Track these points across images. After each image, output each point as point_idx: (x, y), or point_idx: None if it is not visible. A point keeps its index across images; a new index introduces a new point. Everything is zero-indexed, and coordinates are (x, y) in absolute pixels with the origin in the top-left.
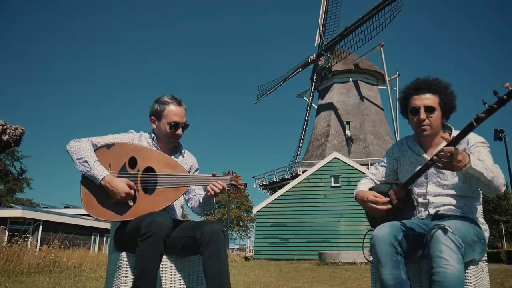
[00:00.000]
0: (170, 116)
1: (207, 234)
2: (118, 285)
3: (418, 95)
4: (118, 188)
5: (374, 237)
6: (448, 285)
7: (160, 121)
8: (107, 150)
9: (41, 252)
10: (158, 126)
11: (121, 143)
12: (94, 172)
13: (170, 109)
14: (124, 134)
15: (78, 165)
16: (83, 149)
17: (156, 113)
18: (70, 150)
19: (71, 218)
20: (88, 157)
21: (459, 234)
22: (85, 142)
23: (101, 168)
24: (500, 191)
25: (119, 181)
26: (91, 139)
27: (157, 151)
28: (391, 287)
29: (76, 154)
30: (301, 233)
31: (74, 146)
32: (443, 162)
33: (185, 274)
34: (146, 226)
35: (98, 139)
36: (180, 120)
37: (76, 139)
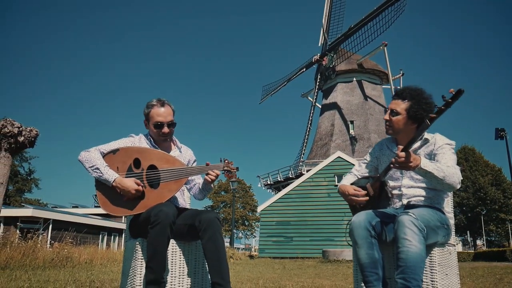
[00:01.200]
0: (154, 117)
1: (205, 221)
2: (135, 266)
3: (392, 99)
4: (128, 187)
5: (352, 223)
6: (410, 262)
7: (149, 122)
8: (113, 155)
9: (54, 248)
10: (149, 127)
11: (124, 147)
12: (105, 176)
13: (154, 111)
14: (125, 139)
15: (91, 172)
16: (93, 157)
17: (146, 116)
18: (82, 160)
19: (80, 217)
20: (99, 164)
21: (422, 220)
22: (93, 151)
23: (111, 172)
24: (454, 188)
25: (128, 180)
26: (98, 148)
27: (157, 150)
28: (366, 265)
29: (88, 163)
30: (305, 232)
31: (85, 156)
32: (398, 164)
33: (191, 257)
34: (154, 215)
35: (104, 146)
36: (164, 119)
37: (85, 149)
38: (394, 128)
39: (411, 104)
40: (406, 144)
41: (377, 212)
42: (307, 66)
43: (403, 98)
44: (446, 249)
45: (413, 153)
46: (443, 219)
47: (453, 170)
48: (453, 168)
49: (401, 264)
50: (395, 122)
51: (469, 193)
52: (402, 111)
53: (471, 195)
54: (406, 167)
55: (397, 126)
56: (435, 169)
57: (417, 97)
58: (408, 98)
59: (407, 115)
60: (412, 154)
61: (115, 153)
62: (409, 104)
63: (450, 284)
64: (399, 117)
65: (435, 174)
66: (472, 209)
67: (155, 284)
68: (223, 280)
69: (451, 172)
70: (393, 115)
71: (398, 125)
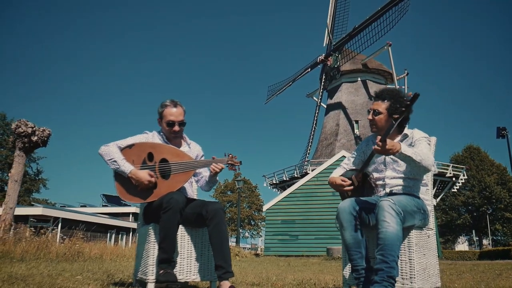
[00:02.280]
0: (167, 116)
1: (211, 211)
2: (148, 248)
3: (373, 101)
4: (141, 178)
5: (338, 209)
6: (388, 240)
7: (162, 120)
8: (129, 150)
9: (66, 243)
10: (161, 125)
11: (139, 142)
12: (122, 168)
13: (167, 111)
14: (140, 135)
15: (109, 164)
16: (112, 151)
17: (160, 114)
18: (102, 153)
19: (89, 216)
20: (116, 157)
21: (400, 205)
22: (112, 146)
23: (128, 164)
24: (429, 169)
25: (142, 172)
26: (116, 143)
27: (168, 145)
28: (351, 245)
29: (107, 156)
30: (310, 230)
31: (104, 150)
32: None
33: (198, 241)
34: (166, 202)
35: (121, 142)
36: (175, 119)
37: (105, 144)
38: (377, 126)
39: (390, 104)
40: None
41: (361, 200)
42: (312, 67)
43: (383, 99)
44: (424, 232)
45: (392, 141)
46: (420, 205)
47: (427, 155)
48: (428, 153)
49: (380, 242)
50: (378, 120)
51: (474, 192)
52: (383, 110)
53: (476, 194)
54: (387, 153)
55: (380, 124)
56: (413, 153)
57: (395, 97)
58: (387, 98)
59: (388, 113)
60: (392, 141)
61: (131, 147)
62: (389, 104)
63: (428, 264)
64: (381, 116)
65: (413, 158)
66: (477, 208)
67: (166, 262)
68: (226, 263)
69: (426, 156)
70: (376, 115)
71: (380, 123)
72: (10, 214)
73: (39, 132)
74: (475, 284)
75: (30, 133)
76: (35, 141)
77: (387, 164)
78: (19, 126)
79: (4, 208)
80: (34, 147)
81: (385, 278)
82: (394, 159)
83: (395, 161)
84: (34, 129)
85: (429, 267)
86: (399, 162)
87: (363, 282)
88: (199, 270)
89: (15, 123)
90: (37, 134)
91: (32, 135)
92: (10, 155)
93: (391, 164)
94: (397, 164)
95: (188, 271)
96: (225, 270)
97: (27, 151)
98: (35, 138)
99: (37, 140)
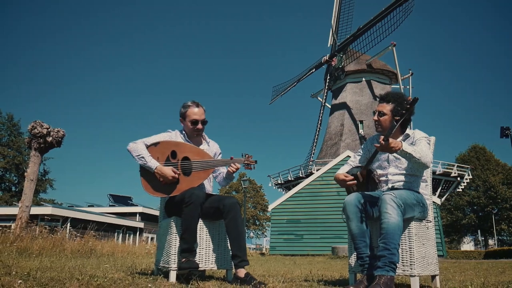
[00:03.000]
0: (191, 116)
1: (227, 205)
2: (170, 239)
3: (379, 103)
4: (166, 174)
5: (345, 202)
6: (390, 230)
7: (185, 120)
8: (154, 147)
9: (79, 241)
10: (184, 124)
11: (164, 141)
12: (149, 164)
13: (191, 110)
14: (164, 133)
15: (137, 160)
16: (139, 148)
17: (182, 115)
18: (130, 150)
19: (97, 215)
20: (144, 154)
21: (400, 198)
22: (139, 143)
23: (154, 161)
24: (428, 166)
25: (166, 169)
26: (143, 140)
27: (190, 144)
28: (357, 234)
29: (135, 152)
30: (315, 230)
31: (132, 147)
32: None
33: (215, 233)
34: (188, 196)
35: (148, 139)
36: (199, 117)
37: (133, 141)
38: (382, 126)
39: (394, 106)
40: (385, 134)
41: (365, 194)
42: (317, 67)
43: (387, 101)
44: (423, 224)
45: (394, 139)
46: (419, 198)
47: (426, 152)
48: (427, 151)
49: (383, 232)
50: (383, 121)
51: (479, 192)
52: (388, 112)
53: (482, 194)
54: (390, 150)
55: (385, 124)
56: (413, 151)
57: (399, 100)
58: (391, 101)
59: (392, 115)
60: (394, 140)
61: (156, 145)
62: (393, 106)
63: (427, 253)
64: (386, 117)
65: (413, 155)
66: (483, 208)
67: (188, 252)
68: (242, 252)
69: (424, 154)
70: (381, 116)
71: (385, 123)
72: (27, 212)
73: (54, 133)
74: (475, 278)
75: (45, 134)
76: (50, 142)
77: (390, 161)
78: (35, 127)
79: (20, 206)
80: (49, 147)
81: (387, 264)
82: (397, 157)
83: (398, 159)
84: (49, 130)
85: (428, 256)
86: (401, 160)
87: (367, 268)
88: (216, 259)
89: (31, 124)
90: (52, 135)
91: (47, 136)
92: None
93: (394, 161)
94: (399, 162)
95: (206, 260)
96: (241, 259)
97: (42, 152)
98: (50, 139)
99: (52, 140)
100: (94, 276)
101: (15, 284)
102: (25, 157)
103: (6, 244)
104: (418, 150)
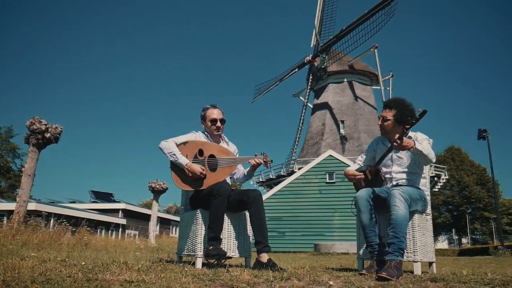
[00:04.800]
0: (210, 116)
1: (252, 197)
2: (196, 229)
3: (383, 109)
4: (195, 170)
5: (356, 196)
6: (398, 221)
7: (205, 121)
8: (184, 146)
9: (76, 235)
10: (205, 125)
11: (192, 140)
12: (180, 161)
13: (210, 111)
14: (190, 134)
15: (169, 157)
16: (171, 146)
17: (202, 117)
18: (162, 147)
19: (80, 212)
20: (175, 151)
21: (407, 193)
22: (171, 142)
23: (184, 158)
24: (433, 161)
25: (196, 166)
26: (173, 139)
27: (215, 144)
28: (367, 225)
29: (167, 150)
30: (297, 227)
31: (164, 145)
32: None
33: (236, 223)
34: (217, 190)
35: (177, 139)
36: (217, 117)
37: (164, 140)
38: (386, 130)
39: (397, 112)
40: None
41: (374, 190)
42: (299, 67)
43: (390, 107)
44: (424, 216)
45: (407, 139)
46: (421, 194)
47: (431, 150)
48: (431, 150)
49: (392, 222)
50: (386, 126)
51: (454, 192)
52: (391, 117)
53: (456, 193)
54: (404, 148)
55: (388, 129)
56: (423, 149)
57: (401, 106)
58: (394, 107)
59: (395, 120)
60: (407, 139)
61: (185, 144)
62: (395, 112)
63: (426, 242)
64: (389, 122)
65: (424, 152)
66: (457, 207)
67: (215, 240)
68: (264, 239)
69: (431, 151)
70: (384, 121)
71: (388, 128)
72: (24, 207)
73: (52, 129)
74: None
75: (43, 130)
76: (48, 138)
77: (393, 160)
78: (33, 123)
79: (18, 201)
80: (47, 143)
81: (397, 250)
82: (400, 156)
83: (400, 158)
84: (47, 126)
85: (427, 245)
86: (403, 159)
87: (376, 254)
88: (237, 247)
89: (29, 120)
90: (50, 131)
91: (45, 132)
92: None
93: (397, 160)
94: (402, 161)
95: (228, 248)
96: (264, 245)
97: (40, 147)
98: (48, 135)
99: (50, 137)
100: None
101: (73, 268)
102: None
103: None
104: (426, 148)
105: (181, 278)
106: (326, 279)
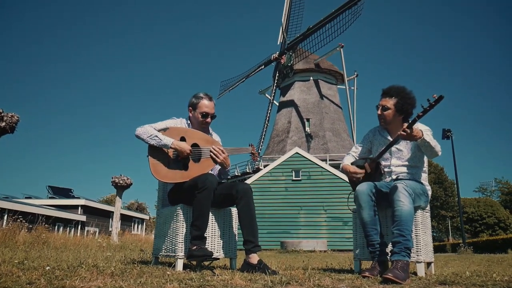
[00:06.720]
0: (202, 108)
1: (241, 191)
2: (176, 227)
3: (382, 98)
4: (184, 147)
5: (357, 191)
6: (403, 217)
7: (195, 111)
8: (164, 133)
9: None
10: (194, 114)
11: (173, 127)
12: (164, 141)
13: (202, 103)
14: (170, 120)
15: (149, 141)
16: (149, 129)
17: (193, 104)
18: (140, 133)
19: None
20: (156, 132)
21: (411, 187)
22: (147, 126)
23: (168, 138)
24: (438, 154)
25: (183, 143)
26: (151, 125)
27: (199, 132)
28: (368, 222)
29: (145, 134)
30: (263, 224)
31: (141, 130)
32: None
33: (220, 220)
34: (202, 182)
35: (155, 125)
36: (209, 111)
37: (140, 126)
38: (386, 120)
39: (398, 100)
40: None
41: (374, 184)
42: (266, 64)
43: (390, 95)
44: (425, 213)
45: (417, 129)
46: (424, 189)
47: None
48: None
49: (396, 219)
50: (387, 115)
51: None
52: (391, 106)
53: None
54: (413, 138)
55: (388, 118)
56: (431, 140)
57: (402, 94)
58: (394, 95)
59: (395, 109)
60: (415, 129)
61: (165, 130)
62: (396, 100)
63: (427, 241)
64: (389, 111)
65: (431, 144)
66: None
67: (200, 239)
68: (254, 238)
69: (437, 143)
70: (384, 110)
71: (389, 117)
72: None
73: (8, 118)
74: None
75: None
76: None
77: (392, 153)
78: None
79: None
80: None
81: (403, 249)
82: (399, 148)
83: (400, 150)
84: (2, 114)
85: (428, 244)
86: (403, 152)
87: (378, 254)
88: (222, 247)
89: None
90: (5, 120)
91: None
92: None
93: (396, 153)
94: (401, 154)
95: (212, 248)
96: (254, 244)
97: None
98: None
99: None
100: (96, 266)
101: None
102: None
103: None
104: (433, 139)
105: (165, 284)
106: (329, 283)
